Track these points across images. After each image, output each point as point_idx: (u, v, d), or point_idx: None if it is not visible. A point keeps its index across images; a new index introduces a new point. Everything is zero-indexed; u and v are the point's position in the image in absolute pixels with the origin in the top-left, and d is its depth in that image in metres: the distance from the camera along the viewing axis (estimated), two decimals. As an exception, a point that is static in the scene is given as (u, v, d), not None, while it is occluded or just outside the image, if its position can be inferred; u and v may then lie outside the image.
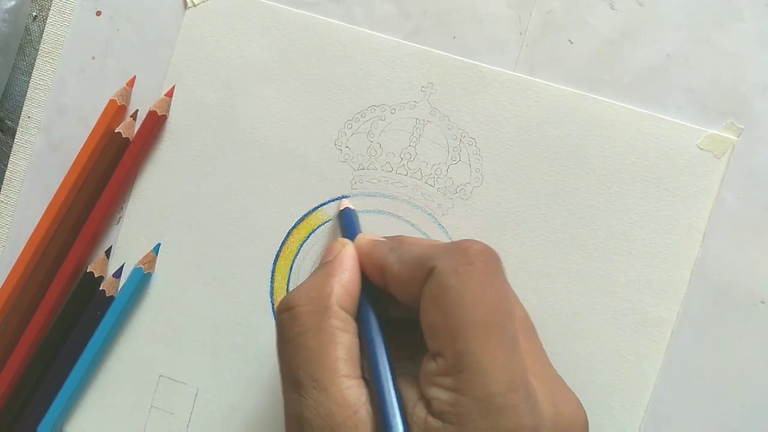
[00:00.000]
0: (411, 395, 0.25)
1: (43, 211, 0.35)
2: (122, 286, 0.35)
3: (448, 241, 0.33)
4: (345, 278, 0.27)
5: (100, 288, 0.35)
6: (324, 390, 0.24)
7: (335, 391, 0.24)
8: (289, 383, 0.26)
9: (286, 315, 0.27)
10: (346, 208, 0.33)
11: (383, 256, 0.28)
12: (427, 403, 0.24)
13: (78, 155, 0.35)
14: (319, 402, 0.24)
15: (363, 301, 0.28)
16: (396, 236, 0.31)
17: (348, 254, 0.28)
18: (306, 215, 0.34)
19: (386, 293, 0.28)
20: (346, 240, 0.30)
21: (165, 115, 0.35)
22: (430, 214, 0.34)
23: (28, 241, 0.35)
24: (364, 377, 0.25)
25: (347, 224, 0.32)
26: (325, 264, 0.28)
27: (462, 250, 0.25)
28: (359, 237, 0.29)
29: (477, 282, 0.24)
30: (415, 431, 0.24)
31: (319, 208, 0.34)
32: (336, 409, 0.24)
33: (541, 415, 0.23)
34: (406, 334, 0.28)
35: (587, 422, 0.26)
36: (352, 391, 0.24)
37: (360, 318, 0.27)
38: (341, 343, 0.25)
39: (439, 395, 0.24)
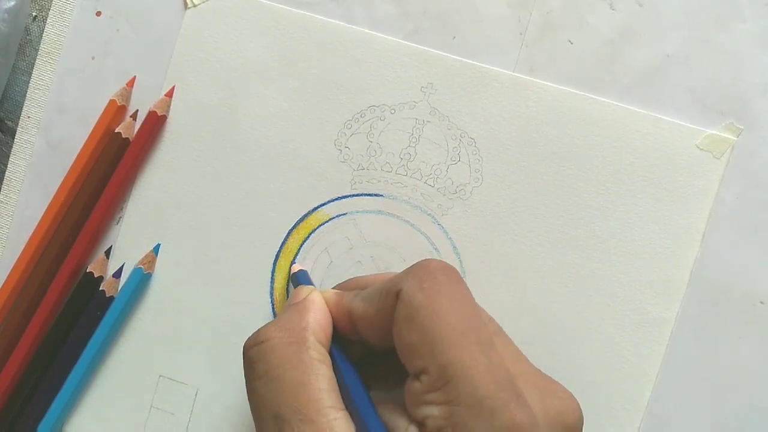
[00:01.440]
0: (400, 423, 0.24)
1: (42, 211, 0.35)
2: (122, 287, 0.35)
3: (447, 240, 0.34)
4: (318, 315, 0.27)
5: (100, 288, 0.35)
6: (311, 422, 0.24)
7: (323, 422, 0.24)
8: (268, 420, 0.25)
9: (257, 349, 0.26)
10: (299, 270, 0.33)
11: (348, 302, 0.28)
12: (420, 424, 0.24)
13: (78, 155, 0.35)
14: None
15: (332, 345, 0.28)
16: (352, 280, 0.32)
17: (317, 296, 0.29)
18: (306, 215, 0.34)
19: (356, 341, 0.28)
20: (311, 287, 0.30)
21: (165, 116, 0.35)
22: (429, 215, 0.34)
23: (28, 241, 0.35)
24: (345, 410, 0.25)
25: (305, 281, 0.32)
26: (295, 304, 0.28)
27: (422, 268, 0.25)
28: (321, 291, 0.29)
29: (443, 294, 0.25)
30: None
31: (318, 209, 0.34)
32: None
33: (532, 412, 0.23)
34: (386, 367, 0.28)
35: (579, 411, 0.26)
36: (339, 422, 0.24)
37: (332, 356, 0.27)
38: (322, 375, 0.25)
39: (432, 412, 0.23)
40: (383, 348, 0.27)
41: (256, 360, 0.26)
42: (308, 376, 0.25)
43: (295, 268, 0.34)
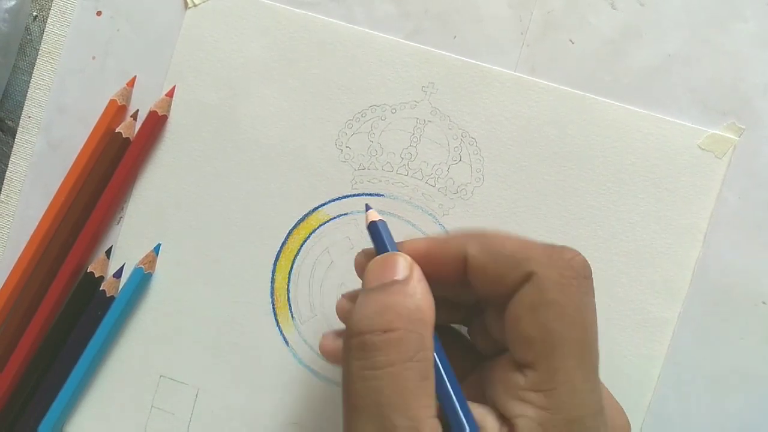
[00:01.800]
0: (489, 422, 0.23)
1: (43, 211, 0.35)
2: (123, 286, 0.35)
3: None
4: (430, 300, 0.24)
5: (101, 288, 0.35)
6: (417, 431, 0.22)
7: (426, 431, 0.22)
8: (371, 420, 0.22)
9: (381, 337, 0.23)
10: (380, 221, 0.27)
11: (462, 246, 0.25)
12: (508, 419, 0.23)
13: (78, 155, 0.35)
14: None
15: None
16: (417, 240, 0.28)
17: (419, 272, 0.25)
18: (306, 215, 0.34)
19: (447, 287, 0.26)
20: (404, 255, 0.25)
21: (165, 115, 0.35)
22: (430, 214, 0.34)
23: (29, 241, 0.35)
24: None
25: (385, 238, 0.27)
26: (401, 284, 0.24)
27: (566, 260, 0.24)
28: (411, 241, 0.26)
29: (579, 298, 0.23)
30: None
31: (319, 208, 0.34)
32: None
33: None
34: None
35: (630, 427, 0.26)
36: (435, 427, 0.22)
37: None
38: (431, 376, 0.23)
39: (527, 412, 0.22)
40: (478, 298, 0.25)
41: (378, 348, 0.23)
42: (427, 380, 0.23)
43: (372, 216, 0.27)
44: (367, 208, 0.28)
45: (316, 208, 0.34)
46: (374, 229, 0.27)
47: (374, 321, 0.23)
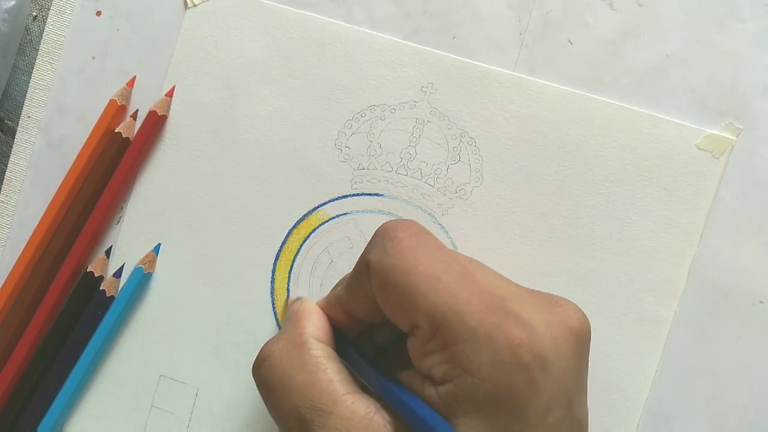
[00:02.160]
0: (416, 384, 0.24)
1: (43, 211, 0.35)
2: (122, 286, 0.35)
3: (447, 240, 0.34)
4: (314, 318, 0.28)
5: (101, 288, 0.35)
6: (330, 413, 0.24)
7: (341, 409, 0.24)
8: (293, 428, 0.25)
9: (264, 366, 0.26)
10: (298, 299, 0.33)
11: (335, 297, 0.29)
12: (428, 378, 0.24)
13: (78, 155, 0.35)
14: (329, 426, 0.23)
15: (340, 340, 0.28)
16: (336, 285, 0.31)
17: (308, 302, 0.29)
18: (306, 215, 0.34)
19: (361, 330, 0.29)
20: (301, 298, 0.31)
21: (165, 115, 0.35)
22: (430, 214, 0.34)
23: (29, 240, 0.35)
24: (366, 392, 0.25)
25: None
26: (289, 317, 0.29)
27: (381, 233, 0.26)
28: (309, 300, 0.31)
29: (408, 249, 0.25)
30: (437, 410, 0.23)
31: (319, 208, 0.34)
32: (349, 425, 0.23)
33: (530, 324, 0.23)
34: (398, 357, 0.28)
35: (581, 313, 0.25)
36: (358, 404, 0.24)
37: (342, 354, 0.27)
38: (329, 368, 0.25)
39: (434, 360, 0.23)
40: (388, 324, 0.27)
41: (266, 376, 0.26)
42: (315, 373, 0.25)
43: (293, 300, 0.34)
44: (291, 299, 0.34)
45: (315, 208, 0.34)
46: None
47: (257, 359, 0.28)
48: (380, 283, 0.25)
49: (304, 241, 0.34)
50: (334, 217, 0.34)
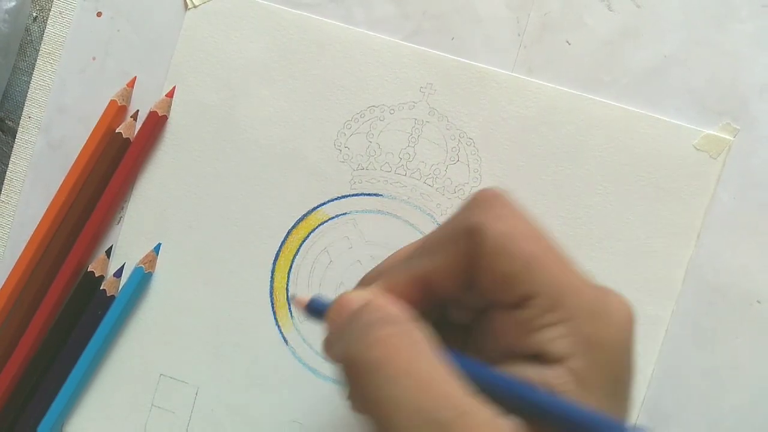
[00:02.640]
0: (516, 369, 0.22)
1: (43, 211, 0.35)
2: (123, 286, 0.35)
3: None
4: (394, 299, 0.23)
5: (101, 288, 0.35)
6: (467, 414, 0.20)
7: (481, 415, 0.20)
8: (419, 427, 0.19)
9: (377, 351, 0.21)
10: (310, 301, 0.25)
11: (406, 273, 0.24)
12: (538, 353, 0.22)
13: (79, 155, 0.35)
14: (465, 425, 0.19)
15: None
16: (369, 275, 0.27)
17: (374, 288, 0.24)
18: (305, 215, 0.35)
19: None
20: (352, 291, 0.24)
21: (165, 116, 0.35)
22: (428, 214, 0.34)
23: (29, 240, 0.35)
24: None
25: (321, 308, 0.25)
26: (359, 310, 0.23)
27: (486, 200, 0.24)
28: (356, 291, 0.24)
29: (520, 218, 0.23)
30: (564, 390, 0.21)
31: (318, 208, 0.34)
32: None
33: (630, 305, 0.23)
34: (471, 338, 0.25)
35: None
36: (484, 410, 0.20)
37: None
38: (446, 368, 0.21)
39: (554, 334, 0.22)
40: (458, 303, 0.25)
41: (381, 363, 0.21)
42: (439, 371, 0.21)
43: (301, 301, 0.26)
44: (292, 298, 0.30)
45: (315, 208, 0.34)
46: (311, 307, 0.25)
47: (360, 342, 0.22)
48: (494, 249, 0.23)
49: (304, 240, 0.35)
50: (333, 217, 0.34)
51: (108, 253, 0.35)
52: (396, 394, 0.20)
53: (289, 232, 0.35)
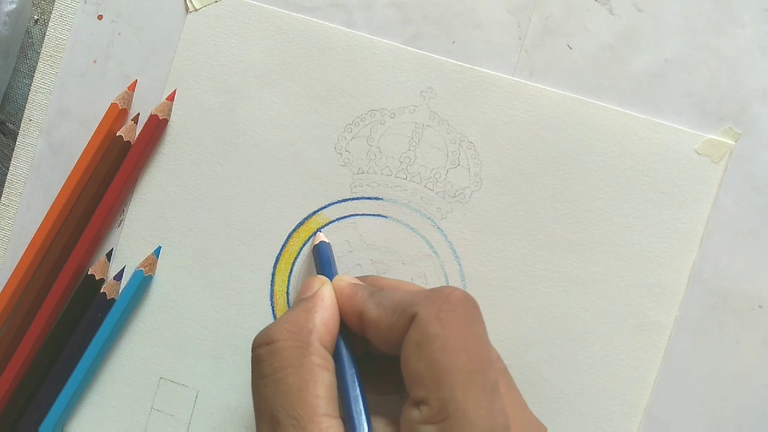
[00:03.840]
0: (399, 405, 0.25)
1: (44, 214, 0.35)
2: (123, 289, 0.35)
3: (446, 244, 0.34)
4: (326, 315, 0.27)
5: (101, 291, 0.35)
6: (303, 429, 0.24)
7: (314, 430, 0.24)
8: (265, 421, 0.25)
9: (264, 349, 0.26)
10: (321, 242, 0.33)
11: (362, 302, 0.27)
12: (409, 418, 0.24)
13: (79, 158, 0.35)
14: None
15: (339, 340, 0.28)
16: (371, 278, 0.31)
17: (328, 292, 0.28)
18: (306, 218, 0.35)
19: (362, 337, 0.28)
20: (324, 278, 0.30)
21: (166, 119, 0.35)
22: (429, 218, 0.34)
23: (30, 243, 0.35)
24: (341, 417, 0.25)
25: (323, 260, 0.32)
26: (305, 299, 0.28)
27: (444, 296, 0.25)
28: (337, 279, 0.29)
29: (460, 328, 0.24)
30: None
31: (319, 212, 0.34)
32: None
33: None
34: (385, 371, 0.28)
35: None
36: (331, 430, 0.24)
37: (336, 356, 0.27)
38: (321, 381, 0.25)
39: None
40: (386, 354, 0.27)
41: (263, 360, 0.26)
42: (307, 382, 0.25)
43: (318, 238, 0.34)
44: (318, 231, 0.34)
45: (315, 212, 0.34)
46: (316, 251, 0.33)
47: (261, 336, 0.27)
48: (416, 343, 0.25)
49: (304, 244, 0.35)
50: (334, 221, 0.34)
51: (108, 256, 0.35)
52: (267, 392, 0.25)
53: (289, 236, 0.35)
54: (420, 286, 0.30)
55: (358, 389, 0.26)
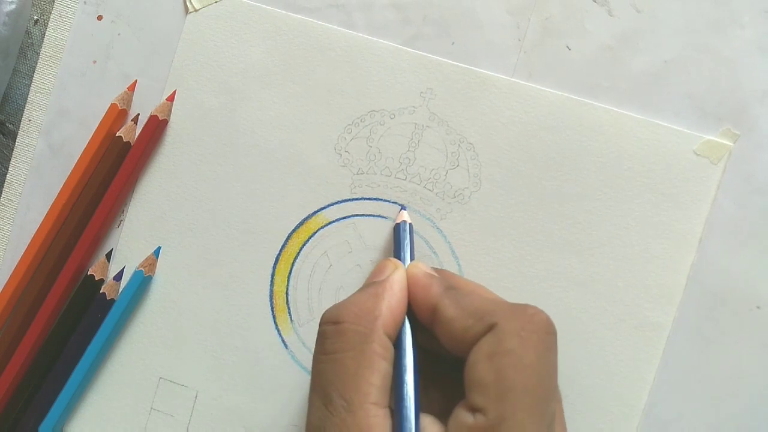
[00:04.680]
0: (432, 430, 0.25)
1: (44, 215, 0.35)
2: (123, 289, 0.35)
3: (446, 244, 0.34)
4: (393, 303, 0.27)
5: (101, 291, 0.35)
6: (352, 413, 0.24)
7: (362, 416, 0.24)
8: (318, 394, 0.26)
9: (331, 328, 0.26)
10: (402, 222, 0.32)
11: (437, 296, 0.27)
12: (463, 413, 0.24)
13: (79, 159, 0.35)
14: (345, 422, 0.24)
15: (404, 330, 0.27)
16: (446, 272, 0.31)
17: (399, 279, 0.28)
18: (306, 219, 0.35)
19: (426, 328, 0.28)
20: (398, 262, 0.29)
21: (166, 120, 0.35)
22: (428, 219, 0.34)
23: (29, 244, 0.35)
24: (391, 407, 0.25)
25: (401, 242, 0.31)
26: (375, 284, 0.28)
27: (528, 315, 0.25)
28: (413, 265, 0.29)
29: (537, 351, 0.24)
30: None
31: (318, 212, 0.34)
32: None
33: None
34: (442, 371, 0.28)
35: None
36: (378, 420, 0.24)
37: (397, 345, 0.27)
38: (378, 370, 0.25)
39: None
40: (446, 353, 0.27)
41: (327, 337, 0.26)
42: (364, 369, 0.25)
43: (402, 216, 0.33)
44: (402, 208, 0.34)
45: (315, 212, 0.35)
46: (396, 231, 0.32)
47: (330, 314, 0.27)
48: (489, 353, 0.24)
49: (304, 244, 0.35)
50: (333, 221, 0.34)
51: (108, 256, 0.35)
52: (326, 369, 0.26)
53: (289, 236, 0.35)
54: (499, 296, 0.30)
55: (412, 384, 0.26)
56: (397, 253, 0.31)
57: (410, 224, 0.32)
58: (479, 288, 0.30)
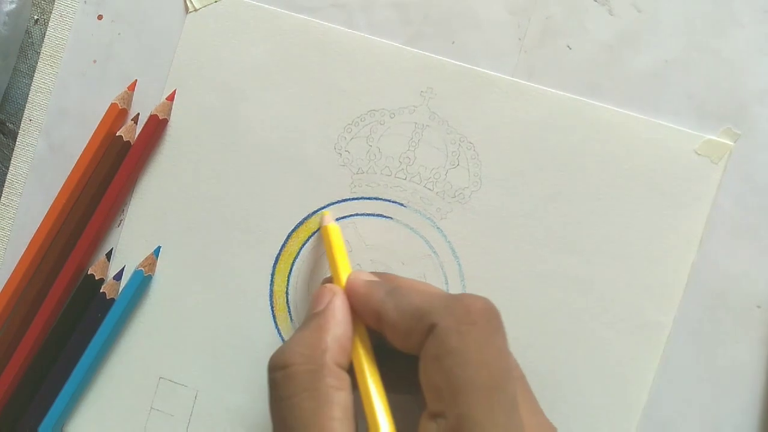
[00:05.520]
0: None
1: (44, 214, 0.35)
2: (123, 289, 0.35)
3: (446, 244, 0.34)
4: (339, 332, 0.27)
5: (101, 290, 0.35)
6: None
7: None
8: None
9: (280, 374, 0.26)
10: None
11: (379, 302, 0.27)
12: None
13: (79, 158, 0.35)
14: None
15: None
16: (388, 276, 0.30)
17: (339, 305, 0.28)
18: (306, 218, 0.35)
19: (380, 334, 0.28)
20: (336, 287, 0.29)
21: (166, 119, 0.35)
22: (428, 218, 0.34)
23: (30, 243, 0.35)
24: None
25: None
26: (317, 315, 0.28)
27: (464, 307, 0.25)
28: (351, 278, 0.29)
29: (479, 342, 0.24)
30: None
31: (318, 212, 0.34)
32: None
33: None
34: (401, 368, 0.28)
35: None
36: None
37: (353, 369, 0.27)
38: (337, 403, 0.25)
39: None
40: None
41: (278, 384, 0.26)
42: (322, 407, 0.25)
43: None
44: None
45: (315, 212, 0.35)
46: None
47: (276, 359, 0.27)
48: (435, 356, 0.24)
49: (304, 244, 0.35)
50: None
51: (108, 256, 0.35)
52: (285, 416, 0.25)
53: (289, 236, 0.35)
54: (438, 289, 0.29)
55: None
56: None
57: (337, 227, 0.33)
58: (418, 284, 0.30)
